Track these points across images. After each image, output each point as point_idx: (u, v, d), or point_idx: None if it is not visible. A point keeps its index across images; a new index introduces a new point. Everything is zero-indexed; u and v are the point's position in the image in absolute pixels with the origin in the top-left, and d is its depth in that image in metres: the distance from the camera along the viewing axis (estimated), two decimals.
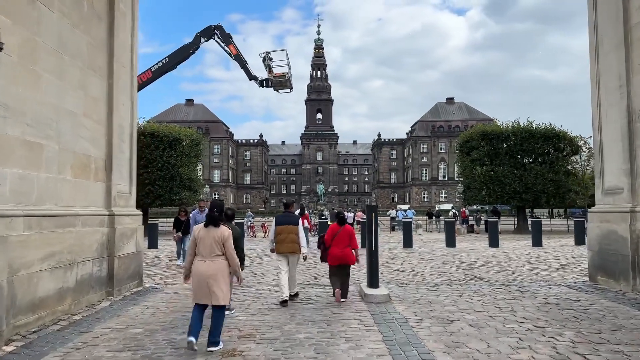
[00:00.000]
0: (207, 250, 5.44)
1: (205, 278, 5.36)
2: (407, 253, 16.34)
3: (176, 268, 12.77)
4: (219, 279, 5.39)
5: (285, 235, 8.17)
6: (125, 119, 9.72)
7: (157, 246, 18.51)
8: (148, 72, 21.22)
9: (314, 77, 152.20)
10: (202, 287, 5.38)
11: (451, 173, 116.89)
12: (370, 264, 8.61)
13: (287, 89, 22.11)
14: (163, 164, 29.75)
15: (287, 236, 8.15)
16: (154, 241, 18.54)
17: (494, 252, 16.66)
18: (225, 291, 5.45)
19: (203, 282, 5.38)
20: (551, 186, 30.85)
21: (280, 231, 8.22)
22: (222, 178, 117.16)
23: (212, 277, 5.37)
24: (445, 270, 12.03)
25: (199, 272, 5.42)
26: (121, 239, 9.15)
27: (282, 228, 8.23)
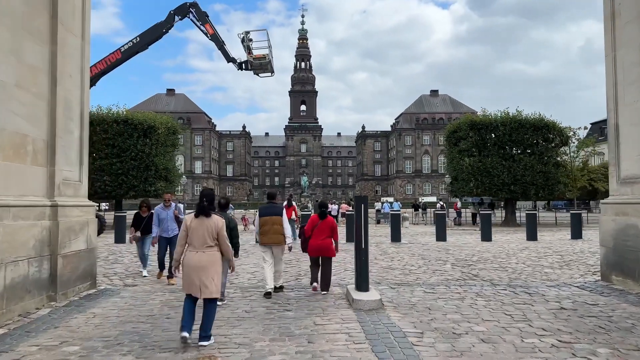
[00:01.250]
0: (200, 241, 5.28)
1: (197, 270, 5.21)
2: (396, 248, 15.21)
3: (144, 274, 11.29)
4: (211, 271, 5.25)
5: (269, 226, 7.96)
6: (74, 93, 8.32)
7: (125, 240, 17.06)
8: (117, 52, 19.65)
9: (298, 68, 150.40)
10: (193, 279, 5.22)
11: (435, 165, 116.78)
12: (358, 264, 7.40)
13: (268, 73, 20.72)
14: (137, 153, 28.21)
15: (272, 227, 7.95)
16: (121, 235, 17.07)
17: (488, 246, 15.62)
18: (217, 283, 5.31)
19: (194, 274, 5.22)
20: (540, 178, 30.03)
21: (264, 222, 8.02)
22: (204, 169, 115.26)
23: (204, 269, 5.22)
24: (439, 268, 10.90)
25: (191, 264, 5.25)
26: (67, 235, 7.78)
27: (265, 219, 8.02)
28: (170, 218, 9.49)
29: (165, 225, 9.44)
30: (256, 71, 20.33)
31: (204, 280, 5.20)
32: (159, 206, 9.63)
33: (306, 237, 8.26)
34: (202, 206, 5.40)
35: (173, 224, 9.47)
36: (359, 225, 7.43)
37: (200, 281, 5.20)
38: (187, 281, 5.32)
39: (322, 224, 8.10)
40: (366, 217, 7.46)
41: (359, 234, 7.41)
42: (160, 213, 9.49)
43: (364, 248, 7.37)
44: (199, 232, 5.29)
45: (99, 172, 27.61)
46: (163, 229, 9.45)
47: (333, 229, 8.14)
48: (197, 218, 5.36)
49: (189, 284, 5.29)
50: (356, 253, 7.46)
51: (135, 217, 10.17)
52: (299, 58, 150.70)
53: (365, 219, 7.44)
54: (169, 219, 9.47)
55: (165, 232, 9.46)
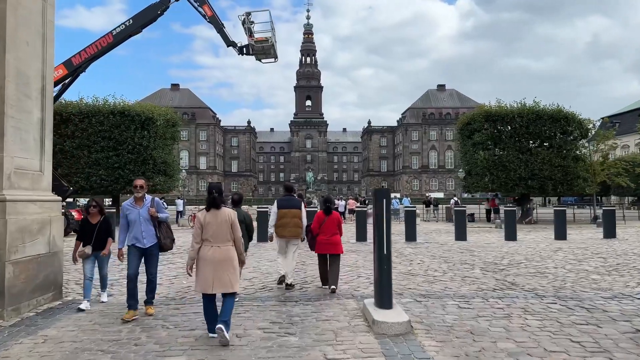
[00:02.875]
0: (215, 236, 5.17)
1: (214, 265, 5.09)
2: (413, 248, 13.69)
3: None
4: (229, 265, 5.16)
5: (288, 219, 7.81)
6: (32, 65, 6.85)
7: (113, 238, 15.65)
8: (108, 35, 18.18)
9: (303, 63, 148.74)
10: (210, 276, 5.08)
11: (442, 161, 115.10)
12: (379, 274, 5.91)
13: (272, 58, 19.19)
14: (134, 146, 26.76)
15: (291, 220, 7.81)
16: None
17: (514, 247, 14.08)
18: (235, 277, 5.23)
19: (210, 270, 5.09)
20: (559, 172, 28.41)
21: (283, 215, 7.85)
22: (208, 165, 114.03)
23: (220, 263, 5.11)
24: (468, 274, 9.38)
25: (208, 259, 5.12)
26: (20, 236, 6.34)
27: (285, 212, 7.85)
28: (145, 219, 6.26)
29: (138, 229, 6.24)
30: (258, 56, 18.82)
31: (222, 275, 5.08)
32: (127, 202, 6.48)
33: (313, 235, 7.92)
34: (213, 197, 5.25)
35: (149, 227, 6.29)
36: (379, 226, 5.93)
37: (216, 277, 5.07)
38: (202, 279, 5.14)
39: (328, 221, 7.84)
40: (389, 215, 5.96)
41: (379, 237, 5.91)
42: (129, 212, 6.32)
43: (387, 254, 5.87)
44: (213, 226, 5.16)
45: (94, 165, 26.30)
46: (134, 235, 6.26)
47: (339, 224, 7.95)
48: (209, 212, 5.24)
49: (204, 281, 5.11)
50: (376, 260, 5.97)
51: (82, 225, 6.92)
52: (304, 53, 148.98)
53: (388, 217, 5.94)
54: (142, 220, 6.24)
55: (137, 239, 6.25)
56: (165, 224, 6.52)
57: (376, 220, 5.99)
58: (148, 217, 6.30)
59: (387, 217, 5.89)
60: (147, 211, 6.31)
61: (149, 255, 6.36)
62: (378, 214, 5.97)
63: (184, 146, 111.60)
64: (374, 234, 6.05)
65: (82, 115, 26.55)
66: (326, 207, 7.99)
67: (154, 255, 6.40)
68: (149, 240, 6.29)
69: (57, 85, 18.49)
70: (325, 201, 8.21)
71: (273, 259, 11.08)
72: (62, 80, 18.28)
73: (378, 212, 5.97)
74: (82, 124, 26.36)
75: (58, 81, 18.32)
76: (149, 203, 6.39)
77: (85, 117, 26.53)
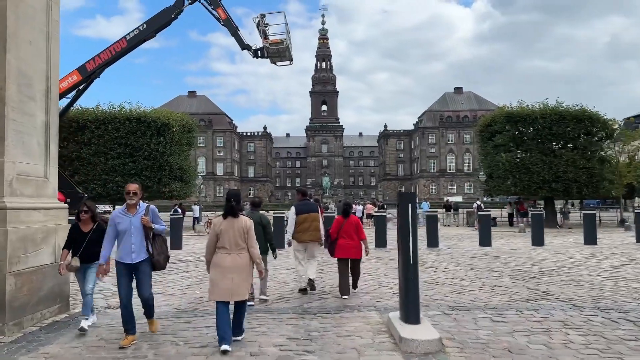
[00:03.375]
0: (231, 243, 5.11)
1: (229, 272, 5.04)
2: (435, 255, 13.12)
3: None
4: (243, 273, 5.12)
5: (308, 223, 7.77)
6: (35, 66, 6.53)
7: None
8: (122, 41, 18.04)
9: (318, 68, 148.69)
10: (225, 284, 5.02)
11: (460, 164, 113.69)
12: (406, 285, 5.41)
13: (287, 61, 18.83)
14: (150, 152, 26.62)
15: (311, 224, 7.78)
16: None
17: (542, 252, 13.41)
18: (248, 285, 5.24)
19: (225, 277, 5.03)
20: (584, 174, 27.51)
21: (303, 220, 7.79)
22: (225, 171, 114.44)
23: (236, 270, 5.06)
24: (497, 283, 8.80)
25: (223, 266, 5.06)
26: (22, 246, 5.99)
27: (305, 217, 7.80)
28: (137, 229, 5.30)
29: (127, 241, 5.29)
30: (273, 59, 18.47)
31: (236, 283, 5.02)
32: (119, 209, 5.55)
33: (333, 240, 7.85)
34: (231, 206, 5.20)
35: (141, 240, 5.30)
36: (404, 232, 5.44)
37: (232, 284, 5.01)
38: (216, 286, 5.06)
39: (347, 224, 7.79)
40: (414, 221, 5.47)
41: (404, 244, 5.42)
42: (119, 220, 5.35)
43: (413, 263, 5.37)
44: (229, 233, 5.11)
45: (111, 172, 26.22)
46: (123, 248, 5.32)
47: (357, 227, 7.85)
48: (225, 219, 5.18)
49: (219, 288, 5.04)
50: (401, 270, 5.48)
51: (71, 232, 5.94)
52: (320, 58, 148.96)
53: (414, 223, 5.44)
54: (133, 231, 5.29)
55: (126, 254, 5.29)
56: (161, 237, 5.58)
57: (401, 226, 5.51)
58: (141, 227, 5.33)
59: (412, 223, 5.40)
60: (139, 220, 5.33)
61: (140, 273, 5.36)
62: (403, 219, 5.48)
63: (201, 152, 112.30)
64: (399, 241, 5.56)
65: (99, 122, 26.53)
66: (344, 210, 7.99)
67: (145, 273, 5.38)
68: (138, 255, 5.30)
69: (72, 91, 18.40)
70: (344, 204, 8.25)
71: (290, 267, 10.65)
72: (77, 86, 18.18)
73: (403, 218, 5.48)
74: (99, 131, 26.34)
75: (72, 87, 18.24)
76: (143, 211, 5.41)
77: (101, 124, 26.50)
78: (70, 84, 17.96)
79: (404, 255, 5.43)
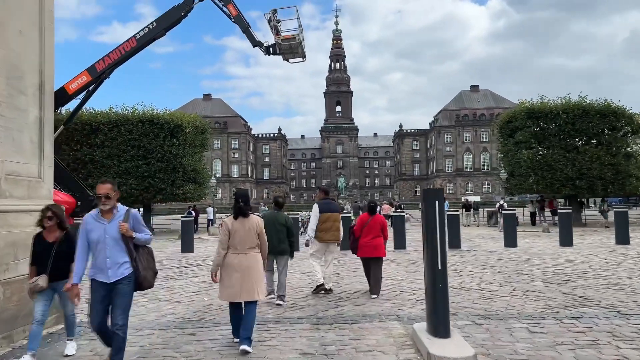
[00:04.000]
0: (242, 243, 5.05)
1: (240, 272, 4.98)
2: (459, 257, 12.40)
3: None
4: (254, 273, 5.04)
5: (330, 223, 7.60)
6: (26, 57, 6.06)
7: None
8: (132, 40, 17.66)
9: (332, 69, 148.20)
10: (235, 284, 4.97)
11: (477, 163, 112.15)
12: (433, 294, 4.79)
13: (300, 58, 18.26)
14: (164, 154, 26.37)
15: (333, 224, 7.62)
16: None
17: (572, 253, 12.62)
18: (260, 285, 5.10)
19: (236, 277, 4.97)
20: (609, 171, 26.45)
21: (326, 219, 7.59)
22: (241, 173, 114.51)
23: (247, 270, 4.99)
24: (529, 287, 8.10)
25: (233, 266, 5.01)
26: (12, 252, 5.52)
27: (327, 216, 7.60)
28: (113, 240, 4.24)
29: (101, 254, 4.24)
30: (286, 56, 17.93)
31: (247, 283, 4.98)
32: (91, 213, 4.40)
33: (356, 238, 7.77)
34: (239, 207, 5.17)
35: (118, 252, 4.24)
36: (431, 235, 4.83)
37: (243, 284, 4.97)
38: (227, 286, 5.03)
39: (372, 222, 7.67)
40: (443, 222, 4.85)
41: (432, 248, 4.80)
42: (90, 227, 4.28)
43: (442, 269, 4.76)
44: (240, 233, 5.09)
45: (124, 175, 26.00)
46: (97, 263, 4.27)
47: (383, 227, 7.72)
48: (236, 220, 5.16)
49: (230, 289, 5.01)
50: (428, 277, 4.86)
51: (35, 245, 4.84)
52: (334, 59, 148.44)
53: (442, 224, 4.83)
54: (108, 242, 4.23)
55: (100, 270, 4.25)
56: (146, 249, 4.47)
57: (427, 227, 4.89)
58: (119, 236, 4.23)
59: (440, 224, 4.79)
60: (116, 227, 4.23)
61: (117, 294, 4.21)
62: (429, 219, 4.87)
63: (217, 155, 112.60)
64: (425, 243, 4.95)
65: (112, 124, 26.36)
66: (370, 208, 7.87)
67: (123, 295, 4.23)
68: (115, 272, 4.20)
69: (81, 92, 18.07)
70: (370, 202, 8.12)
71: (305, 270, 10.08)
72: (87, 87, 17.85)
73: (429, 218, 4.87)
74: (112, 133, 26.16)
75: (82, 88, 17.90)
76: (121, 216, 4.30)
77: (114, 126, 26.32)
78: (80, 85, 17.64)
79: (430, 260, 4.82)
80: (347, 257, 12.93)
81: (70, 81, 17.85)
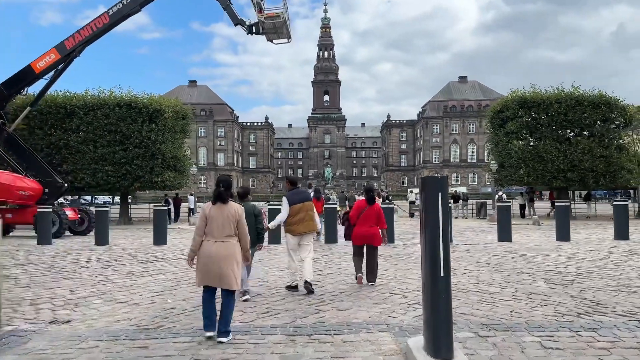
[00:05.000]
0: (219, 230, 4.88)
1: (216, 260, 4.80)
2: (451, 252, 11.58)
3: None
4: (231, 261, 4.85)
5: (304, 213, 7.16)
6: None
7: (108, 242, 13.88)
8: (104, 16, 16.40)
9: (320, 57, 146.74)
10: (212, 270, 4.81)
11: (464, 155, 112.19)
12: (433, 308, 3.90)
13: (284, 38, 17.16)
14: (142, 139, 25.18)
15: (307, 214, 7.18)
16: (104, 235, 13.82)
17: (571, 249, 11.89)
18: (237, 275, 4.90)
19: (213, 265, 4.81)
20: (601, 163, 25.97)
21: (297, 210, 7.13)
22: (226, 162, 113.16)
23: (223, 259, 4.81)
24: (532, 289, 7.28)
25: (208, 254, 4.83)
26: None
27: (299, 207, 7.15)
28: None
29: None
30: (269, 36, 16.82)
31: (224, 270, 4.81)
32: None
33: (351, 224, 7.73)
34: (219, 192, 4.98)
35: None
36: (431, 235, 3.93)
37: (219, 271, 4.80)
38: (203, 272, 4.87)
39: (369, 210, 7.56)
40: (446, 218, 3.95)
41: (431, 249, 3.91)
42: None
43: (444, 276, 3.87)
44: (218, 220, 4.90)
45: (100, 161, 24.84)
46: None
47: (379, 215, 7.63)
48: (214, 205, 4.97)
49: (206, 274, 4.85)
50: (428, 285, 3.97)
51: None
52: (322, 47, 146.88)
53: (445, 220, 3.93)
54: None
55: None
56: None
57: (426, 226, 3.99)
58: None
59: (443, 222, 3.89)
60: None
61: None
62: (430, 214, 3.97)
63: (202, 143, 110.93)
64: (424, 245, 4.05)
65: (87, 108, 25.10)
66: (369, 197, 7.64)
67: None
68: None
69: (50, 71, 16.86)
70: (367, 191, 7.81)
71: (284, 267, 9.18)
72: (55, 65, 16.65)
73: (430, 212, 3.97)
74: (87, 117, 24.91)
75: (50, 67, 16.70)
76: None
77: (90, 110, 25.06)
78: (48, 63, 16.43)
79: (430, 265, 3.92)
80: (331, 251, 12.06)
81: (37, 59, 16.64)
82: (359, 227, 7.55)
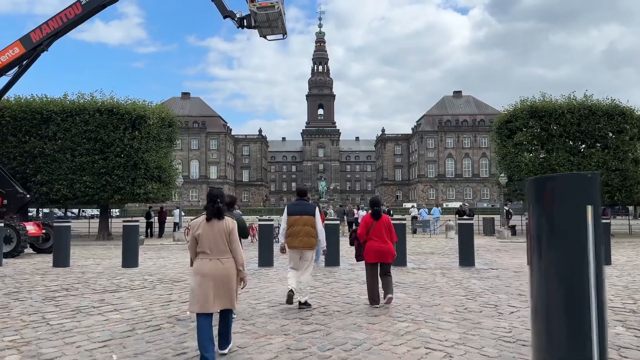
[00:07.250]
0: (212, 247, 4.47)
1: (213, 280, 4.39)
2: (479, 279, 9.55)
3: None
4: (230, 281, 4.48)
5: (299, 227, 6.80)
6: None
7: (69, 263, 11.74)
8: (76, 5, 14.49)
9: (315, 71, 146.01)
10: (208, 292, 4.35)
11: (459, 169, 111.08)
12: None
13: (279, 34, 15.31)
14: (124, 148, 23.09)
15: (302, 228, 6.80)
16: (64, 255, 11.65)
17: (622, 276, 9.96)
18: (234, 295, 4.56)
19: (209, 285, 4.36)
20: (616, 177, 24.27)
21: (293, 222, 6.85)
22: (219, 174, 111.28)
23: (224, 278, 4.43)
24: (616, 340, 5.33)
25: (205, 273, 4.40)
26: None
27: (295, 219, 6.85)
28: None
29: None
30: (263, 30, 14.98)
31: (223, 291, 4.39)
32: None
33: (361, 243, 7.18)
34: (218, 208, 4.46)
35: None
36: (570, 284, 2.00)
37: (217, 293, 4.37)
38: (199, 295, 4.34)
39: (377, 225, 7.03)
40: (599, 239, 2.03)
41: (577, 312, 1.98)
42: None
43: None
44: (210, 237, 4.44)
45: (78, 171, 22.74)
46: None
47: (389, 228, 7.10)
48: (208, 222, 4.48)
49: (203, 298, 4.32)
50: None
51: None
52: (317, 61, 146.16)
53: (599, 261, 2.01)
54: None
55: None
56: None
57: (557, 262, 2.07)
58: None
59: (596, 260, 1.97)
60: None
61: None
62: (559, 245, 2.05)
63: (194, 155, 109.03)
64: (543, 294, 2.12)
65: (65, 113, 23.10)
66: (374, 211, 7.15)
67: None
68: None
69: (13, 67, 14.92)
70: (373, 204, 7.31)
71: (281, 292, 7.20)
72: (19, 60, 14.72)
73: (559, 240, 2.05)
74: (65, 124, 22.90)
75: (14, 62, 14.75)
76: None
77: (68, 116, 23.06)
78: (10, 58, 14.51)
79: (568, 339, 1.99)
80: (334, 276, 10.02)
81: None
82: (370, 243, 6.96)
